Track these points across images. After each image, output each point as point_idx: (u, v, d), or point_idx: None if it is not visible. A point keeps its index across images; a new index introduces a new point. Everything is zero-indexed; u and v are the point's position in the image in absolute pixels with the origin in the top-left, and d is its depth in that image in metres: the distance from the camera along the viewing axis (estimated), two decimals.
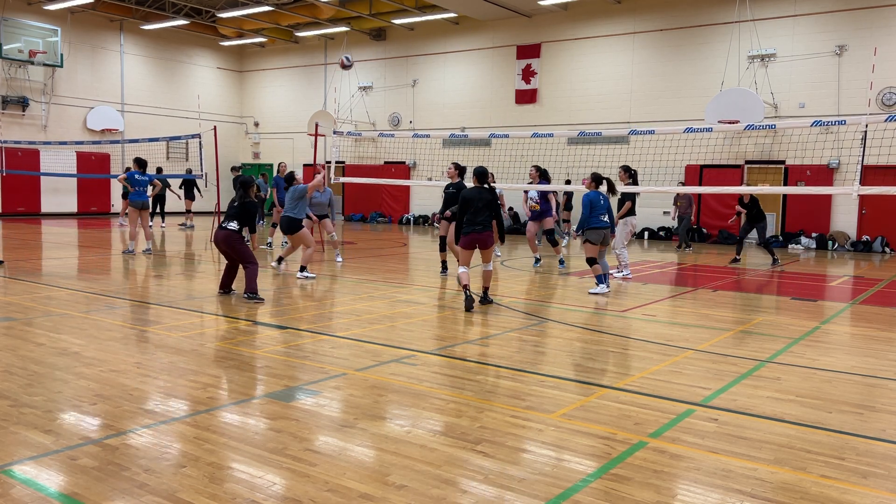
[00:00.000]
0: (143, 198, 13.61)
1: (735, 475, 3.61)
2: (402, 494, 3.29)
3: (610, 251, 11.07)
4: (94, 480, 3.38)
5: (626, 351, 6.41)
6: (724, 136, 19.95)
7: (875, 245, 18.32)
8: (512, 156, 21.55)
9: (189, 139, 18.72)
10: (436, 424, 4.28)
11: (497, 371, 5.57)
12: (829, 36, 18.94)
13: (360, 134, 21.17)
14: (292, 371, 5.45)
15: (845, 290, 11.37)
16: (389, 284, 10.39)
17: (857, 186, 10.47)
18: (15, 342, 6.16)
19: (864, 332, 7.66)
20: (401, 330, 7.20)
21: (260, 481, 3.41)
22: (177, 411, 4.44)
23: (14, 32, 23.73)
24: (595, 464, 3.72)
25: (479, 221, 8.48)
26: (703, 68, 20.64)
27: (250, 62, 31.69)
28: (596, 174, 10.40)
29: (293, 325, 7.24)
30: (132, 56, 27.93)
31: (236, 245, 8.71)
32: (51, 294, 8.76)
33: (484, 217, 8.49)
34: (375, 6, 24.29)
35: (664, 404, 4.76)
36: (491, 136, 14.75)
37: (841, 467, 3.75)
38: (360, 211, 28.29)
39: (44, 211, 25.05)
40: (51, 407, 4.45)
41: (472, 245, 8.59)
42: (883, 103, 18.03)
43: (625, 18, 22.10)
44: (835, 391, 5.20)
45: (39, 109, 25.21)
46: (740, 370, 5.73)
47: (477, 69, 25.17)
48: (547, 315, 8.13)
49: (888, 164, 15.36)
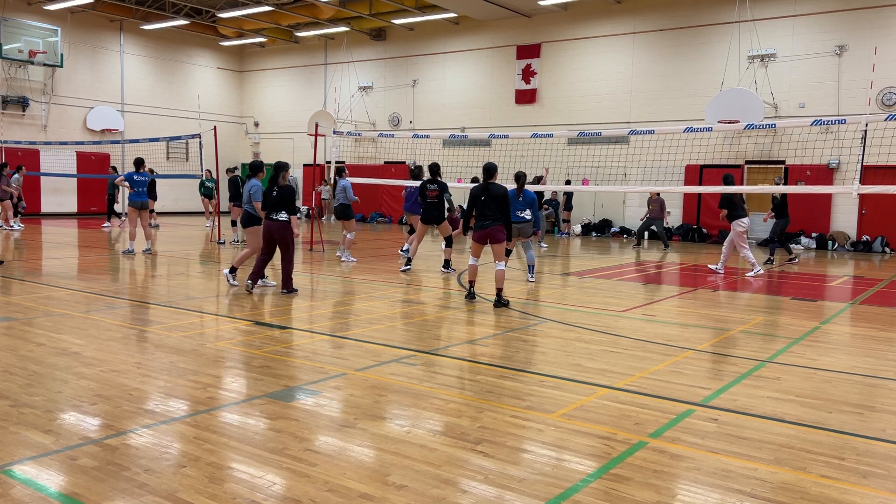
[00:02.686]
0: (142, 198, 13.61)
1: (735, 475, 3.61)
2: (402, 494, 3.29)
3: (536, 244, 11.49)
4: (94, 480, 3.38)
5: (626, 351, 6.40)
6: (723, 135, 19.96)
7: (875, 245, 18.32)
8: (512, 156, 21.55)
9: (189, 139, 18.73)
10: (436, 424, 4.28)
11: (497, 371, 5.57)
12: (829, 36, 18.94)
13: (360, 134, 21.15)
14: (292, 371, 5.45)
15: (845, 290, 11.37)
16: (389, 284, 10.39)
17: (857, 185, 10.45)
18: (15, 342, 6.16)
19: (864, 332, 7.66)
20: (401, 330, 7.20)
21: (260, 481, 3.41)
22: (177, 411, 4.44)
23: (14, 32, 23.73)
24: (595, 464, 3.72)
25: (489, 216, 8.58)
26: (703, 68, 20.64)
27: (250, 62, 31.69)
28: (517, 173, 10.68)
29: (293, 325, 7.24)
30: (132, 56, 27.93)
31: (289, 237, 8.94)
32: (51, 294, 8.76)
33: (492, 212, 8.57)
34: (375, 6, 24.29)
35: (664, 404, 4.76)
36: (491, 136, 14.76)
37: (841, 467, 3.75)
38: (360, 211, 28.27)
39: (44, 211, 25.04)
40: (51, 407, 4.45)
41: (482, 240, 8.74)
42: (883, 103, 18.03)
43: (625, 18, 22.10)
44: (835, 391, 5.20)
45: (39, 109, 25.22)
46: (740, 370, 5.73)
47: (477, 69, 25.17)
48: (547, 315, 8.13)
49: (888, 164, 15.37)
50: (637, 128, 12.86)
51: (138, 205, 13.60)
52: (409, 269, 11.65)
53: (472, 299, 8.90)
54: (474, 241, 8.83)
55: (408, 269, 11.63)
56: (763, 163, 19.92)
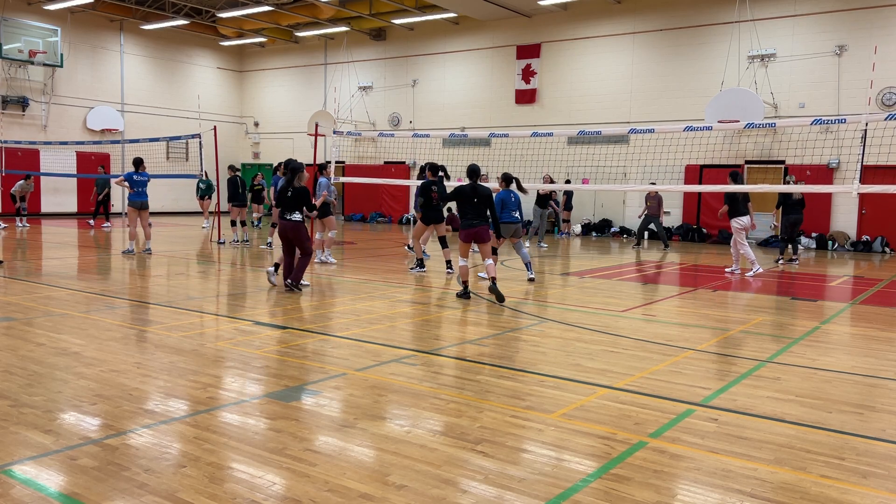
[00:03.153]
0: (141, 198, 13.61)
1: (735, 475, 3.61)
2: (402, 494, 3.29)
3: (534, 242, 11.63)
4: (94, 480, 3.38)
5: (626, 351, 6.40)
6: (723, 135, 19.96)
7: (875, 245, 18.32)
8: (512, 156, 21.56)
9: (189, 139, 18.73)
10: (436, 424, 4.28)
11: (497, 371, 5.57)
12: (829, 36, 18.94)
13: (359, 134, 21.17)
14: (292, 371, 5.45)
15: (845, 290, 11.37)
16: (389, 284, 10.39)
17: (857, 185, 10.44)
18: (15, 342, 6.16)
19: (864, 332, 7.66)
20: (401, 330, 7.20)
21: (260, 481, 3.41)
22: (177, 411, 4.44)
23: (14, 32, 23.73)
24: (595, 464, 3.72)
25: (477, 216, 8.98)
26: (703, 68, 20.64)
27: (250, 62, 31.69)
28: (506, 174, 10.97)
29: (293, 325, 7.24)
30: (132, 56, 27.93)
31: (303, 235, 9.31)
32: (51, 294, 8.76)
33: (481, 212, 9.00)
34: (375, 6, 24.29)
35: (664, 404, 4.76)
36: (491, 135, 14.75)
37: (841, 467, 3.75)
38: (360, 211, 28.30)
39: (44, 211, 25.04)
40: (51, 407, 4.45)
41: (470, 239, 9.10)
42: (883, 103, 18.03)
43: (625, 18, 22.10)
44: (835, 391, 5.20)
45: (39, 109, 25.22)
46: (740, 370, 5.73)
47: (477, 69, 25.17)
48: (547, 315, 8.13)
49: (888, 164, 15.37)
50: (637, 128, 12.86)
51: (138, 205, 13.60)
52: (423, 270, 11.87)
53: (466, 298, 9.04)
54: (463, 241, 9.12)
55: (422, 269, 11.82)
56: (763, 163, 19.92)
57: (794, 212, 14.46)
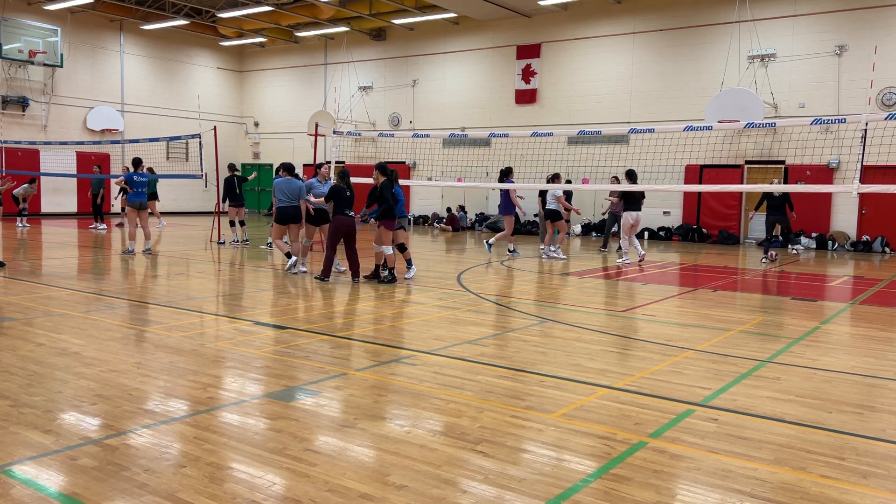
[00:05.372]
0: (141, 198, 13.61)
1: (735, 475, 3.61)
2: (402, 494, 3.29)
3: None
4: (94, 480, 3.38)
5: (626, 351, 6.40)
6: (723, 135, 19.95)
7: (875, 245, 18.31)
8: (512, 155, 21.55)
9: (189, 139, 18.72)
10: (436, 424, 4.28)
11: (497, 371, 5.57)
12: (828, 36, 18.94)
13: (360, 134, 21.14)
14: (292, 371, 5.45)
15: (845, 290, 11.37)
16: (389, 284, 10.38)
17: (857, 185, 10.43)
18: (15, 342, 6.16)
19: (864, 332, 7.66)
20: (401, 330, 7.20)
21: (260, 481, 3.41)
22: (177, 411, 4.44)
23: (14, 32, 23.72)
24: (595, 464, 3.72)
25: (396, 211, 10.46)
26: (703, 68, 20.64)
27: (250, 62, 31.69)
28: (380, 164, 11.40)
29: (293, 325, 7.24)
30: (132, 56, 27.93)
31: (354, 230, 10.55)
32: (51, 294, 8.76)
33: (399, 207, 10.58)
34: (375, 6, 24.29)
35: (664, 404, 4.76)
36: (491, 135, 14.76)
37: (841, 467, 3.75)
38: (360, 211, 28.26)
39: (44, 211, 25.04)
40: (51, 407, 4.45)
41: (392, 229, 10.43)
42: (883, 103, 18.02)
43: (625, 18, 22.10)
44: (835, 391, 5.20)
45: (39, 109, 25.22)
46: (740, 370, 5.73)
47: (477, 69, 25.17)
48: (547, 315, 8.13)
49: (888, 164, 15.37)
50: (637, 128, 12.86)
51: (137, 205, 13.60)
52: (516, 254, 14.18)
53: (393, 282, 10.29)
54: (391, 231, 10.37)
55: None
56: (763, 163, 19.92)
57: (772, 213, 14.54)
